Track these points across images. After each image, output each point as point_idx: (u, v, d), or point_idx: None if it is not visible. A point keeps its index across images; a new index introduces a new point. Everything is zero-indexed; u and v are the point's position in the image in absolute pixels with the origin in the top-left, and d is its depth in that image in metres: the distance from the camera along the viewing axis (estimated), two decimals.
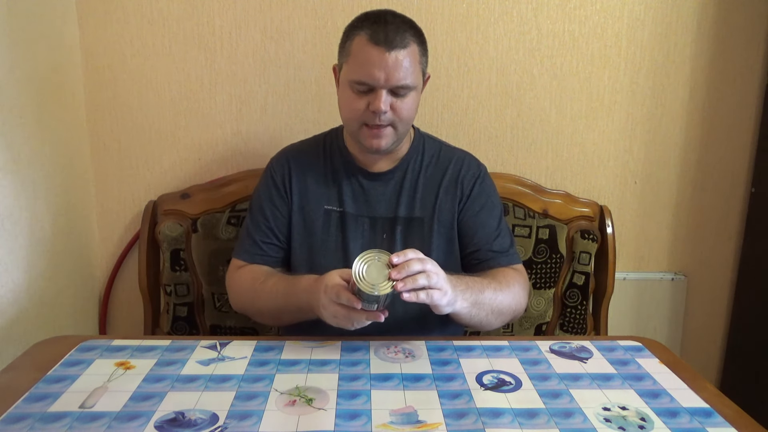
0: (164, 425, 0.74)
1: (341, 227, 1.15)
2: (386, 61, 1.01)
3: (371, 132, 1.07)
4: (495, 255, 1.15)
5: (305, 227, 1.16)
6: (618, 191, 1.60)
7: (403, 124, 1.08)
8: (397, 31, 1.03)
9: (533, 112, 1.54)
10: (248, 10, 1.44)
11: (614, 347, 1.00)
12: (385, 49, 1.01)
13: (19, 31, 1.20)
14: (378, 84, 1.02)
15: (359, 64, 1.03)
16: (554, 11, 1.48)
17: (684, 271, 1.66)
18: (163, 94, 1.47)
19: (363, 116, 1.06)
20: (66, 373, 0.87)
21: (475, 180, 1.18)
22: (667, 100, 1.55)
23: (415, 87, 1.07)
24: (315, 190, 1.17)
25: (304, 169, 1.18)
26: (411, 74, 1.04)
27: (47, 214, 1.31)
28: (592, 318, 1.50)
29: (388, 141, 1.08)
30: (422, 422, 0.76)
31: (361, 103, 1.05)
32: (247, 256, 1.16)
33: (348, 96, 1.07)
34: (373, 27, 1.03)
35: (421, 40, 1.08)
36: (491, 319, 1.05)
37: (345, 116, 1.11)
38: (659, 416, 0.78)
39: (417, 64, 1.06)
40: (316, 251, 1.15)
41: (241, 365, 0.90)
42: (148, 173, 1.51)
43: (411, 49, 1.04)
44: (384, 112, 1.04)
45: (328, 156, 1.19)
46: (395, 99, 1.05)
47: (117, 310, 1.57)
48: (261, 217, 1.17)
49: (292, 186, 1.17)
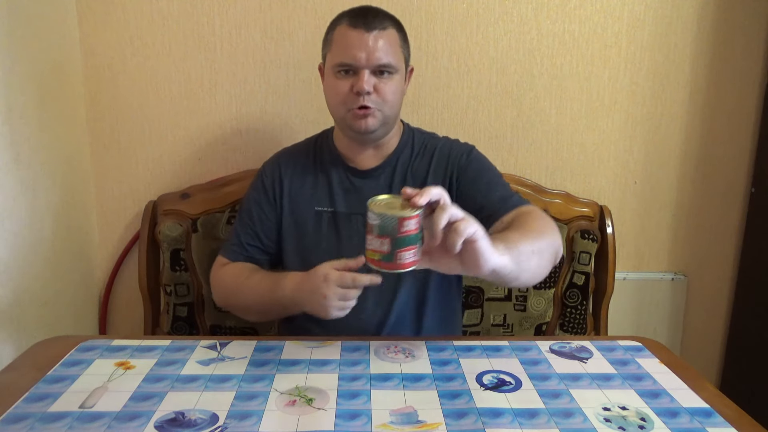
0: (164, 425, 0.74)
1: (334, 227, 1.15)
2: (366, 41, 1.04)
3: (357, 113, 1.08)
4: (502, 202, 1.07)
5: (297, 230, 1.16)
6: (618, 191, 1.60)
7: (389, 107, 1.09)
8: (376, 16, 1.07)
9: (533, 112, 1.54)
10: (248, 10, 1.44)
11: (614, 347, 1.00)
12: (364, 30, 1.05)
13: (19, 31, 1.20)
14: (360, 64, 1.05)
15: (341, 49, 1.07)
16: (554, 11, 1.48)
17: (684, 271, 1.66)
18: (163, 94, 1.47)
19: (348, 100, 1.07)
20: (66, 373, 0.87)
21: (463, 155, 1.16)
22: (667, 100, 1.55)
23: (398, 70, 1.09)
24: (305, 192, 1.17)
25: (295, 172, 1.19)
26: (392, 55, 1.07)
27: (47, 214, 1.31)
28: (592, 318, 1.50)
29: (375, 121, 1.09)
30: (422, 422, 0.76)
31: (344, 85, 1.07)
32: (232, 255, 1.17)
33: (332, 83, 1.09)
34: (352, 15, 1.08)
35: (400, 29, 1.12)
36: (535, 263, 0.91)
37: (331, 103, 1.12)
38: (659, 416, 0.78)
39: (398, 47, 1.09)
40: (309, 253, 1.15)
41: (241, 365, 0.90)
42: (148, 173, 1.51)
43: (390, 32, 1.08)
44: (367, 92, 1.05)
45: (318, 157, 1.20)
46: (378, 80, 1.07)
47: (117, 310, 1.57)
48: (248, 219, 1.18)
49: (283, 190, 1.18)
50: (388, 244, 0.75)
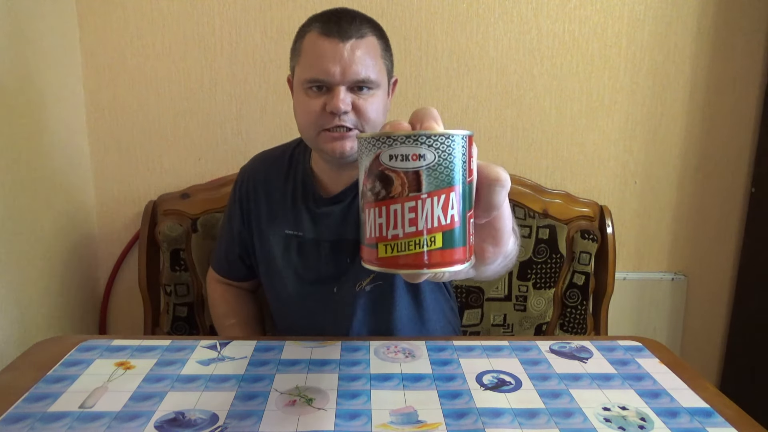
0: (164, 425, 0.74)
1: (300, 252, 1.08)
2: (341, 52, 0.90)
3: (332, 135, 0.94)
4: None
5: (264, 251, 1.11)
6: (618, 191, 1.60)
7: (370, 127, 0.95)
8: (352, 21, 0.92)
9: (533, 112, 1.54)
10: (248, 10, 1.44)
11: (614, 347, 1.00)
12: (338, 39, 0.90)
13: (19, 31, 1.20)
14: (334, 80, 0.91)
15: (311, 61, 0.92)
16: (554, 11, 1.48)
17: (684, 271, 1.66)
18: (163, 94, 1.47)
19: (320, 119, 0.93)
20: (66, 373, 0.87)
21: None
22: (667, 100, 1.55)
23: (379, 85, 0.95)
24: (275, 213, 1.09)
25: (268, 190, 1.10)
26: (371, 68, 0.92)
27: (47, 214, 1.31)
28: (592, 318, 1.49)
29: (353, 144, 0.95)
30: (422, 422, 0.76)
31: (316, 104, 0.93)
32: (219, 268, 1.20)
33: (302, 100, 0.95)
34: (323, 21, 0.93)
35: (381, 35, 0.98)
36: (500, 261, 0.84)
37: (301, 123, 0.98)
38: (659, 416, 0.78)
39: (378, 59, 0.95)
40: (276, 277, 1.10)
41: (241, 365, 0.90)
42: (148, 173, 1.51)
43: (369, 40, 0.93)
44: (344, 112, 0.91)
45: (292, 173, 1.10)
46: (356, 97, 0.93)
47: (117, 310, 1.57)
48: (228, 230, 1.18)
49: (251, 209, 1.12)
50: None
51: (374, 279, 1.04)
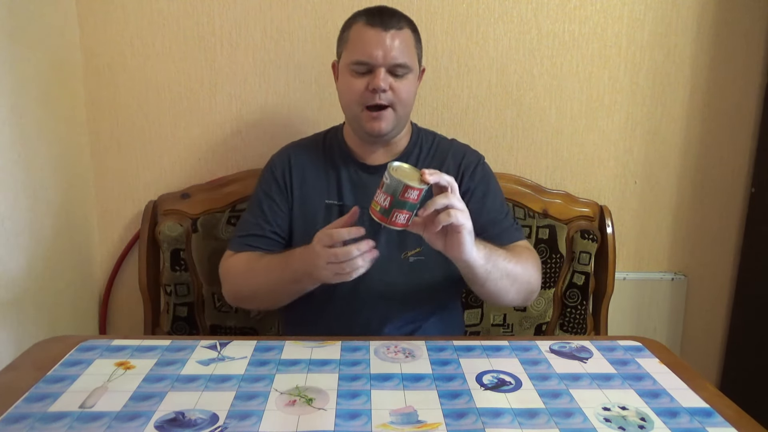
0: (164, 425, 0.74)
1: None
2: (383, 40, 1.06)
3: (371, 115, 1.09)
4: (501, 233, 1.12)
5: (306, 221, 1.16)
6: (618, 191, 1.60)
7: (402, 107, 1.10)
8: (392, 16, 1.09)
9: (533, 112, 1.54)
10: (248, 10, 1.44)
11: (614, 347, 1.00)
12: (381, 29, 1.06)
13: (19, 31, 1.20)
14: (377, 62, 1.06)
15: (358, 46, 1.08)
16: (554, 11, 1.48)
17: (684, 271, 1.66)
18: (163, 94, 1.47)
19: (363, 97, 1.08)
20: (66, 373, 0.87)
21: (475, 167, 1.19)
22: (667, 100, 1.55)
23: (413, 69, 1.10)
24: (315, 184, 1.17)
25: (305, 164, 1.19)
26: (407, 55, 1.08)
27: (47, 214, 1.31)
28: (592, 318, 1.50)
29: (388, 123, 1.10)
30: (422, 422, 0.76)
31: (360, 83, 1.08)
32: (241, 247, 1.16)
33: (347, 80, 1.10)
34: (368, 14, 1.09)
35: (415, 29, 1.13)
36: (506, 283, 1.01)
37: (345, 101, 1.13)
38: (659, 416, 0.78)
39: (413, 48, 1.10)
40: None
41: (241, 365, 0.90)
42: (148, 173, 1.51)
43: (406, 32, 1.09)
44: (383, 90, 1.06)
45: (328, 150, 1.20)
46: (394, 79, 1.08)
47: (117, 310, 1.57)
48: (259, 211, 1.17)
49: (293, 181, 1.18)
50: (388, 201, 0.86)
51: (419, 253, 1.12)
